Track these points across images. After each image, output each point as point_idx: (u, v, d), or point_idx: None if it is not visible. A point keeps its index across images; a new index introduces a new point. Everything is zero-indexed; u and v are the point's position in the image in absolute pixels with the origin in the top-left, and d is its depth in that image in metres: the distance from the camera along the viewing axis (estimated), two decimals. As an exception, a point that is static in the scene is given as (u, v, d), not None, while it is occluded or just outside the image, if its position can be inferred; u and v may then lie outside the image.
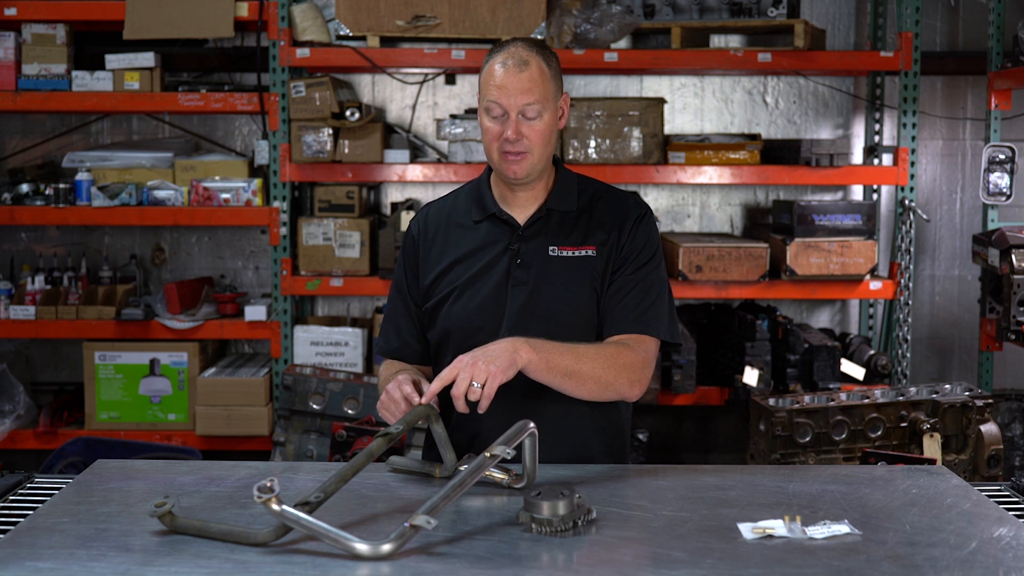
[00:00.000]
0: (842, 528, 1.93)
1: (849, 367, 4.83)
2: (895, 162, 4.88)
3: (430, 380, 2.54)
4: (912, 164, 4.85)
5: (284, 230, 4.74)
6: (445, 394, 2.51)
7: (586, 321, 2.45)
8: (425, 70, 5.12)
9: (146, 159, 4.91)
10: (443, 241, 2.52)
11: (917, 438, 3.35)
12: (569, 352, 2.31)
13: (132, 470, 2.34)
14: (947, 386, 3.56)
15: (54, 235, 5.30)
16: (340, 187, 4.80)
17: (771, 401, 3.48)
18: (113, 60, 4.71)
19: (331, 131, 4.70)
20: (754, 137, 5.00)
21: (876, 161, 5.20)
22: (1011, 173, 4.57)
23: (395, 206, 5.13)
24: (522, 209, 2.50)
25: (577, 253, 2.46)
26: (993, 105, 4.77)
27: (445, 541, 1.88)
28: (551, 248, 2.46)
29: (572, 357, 2.31)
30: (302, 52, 4.69)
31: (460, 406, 2.18)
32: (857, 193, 5.37)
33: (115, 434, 4.74)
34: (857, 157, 5.33)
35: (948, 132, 5.38)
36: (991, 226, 4.77)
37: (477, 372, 2.16)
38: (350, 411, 4.53)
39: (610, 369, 2.36)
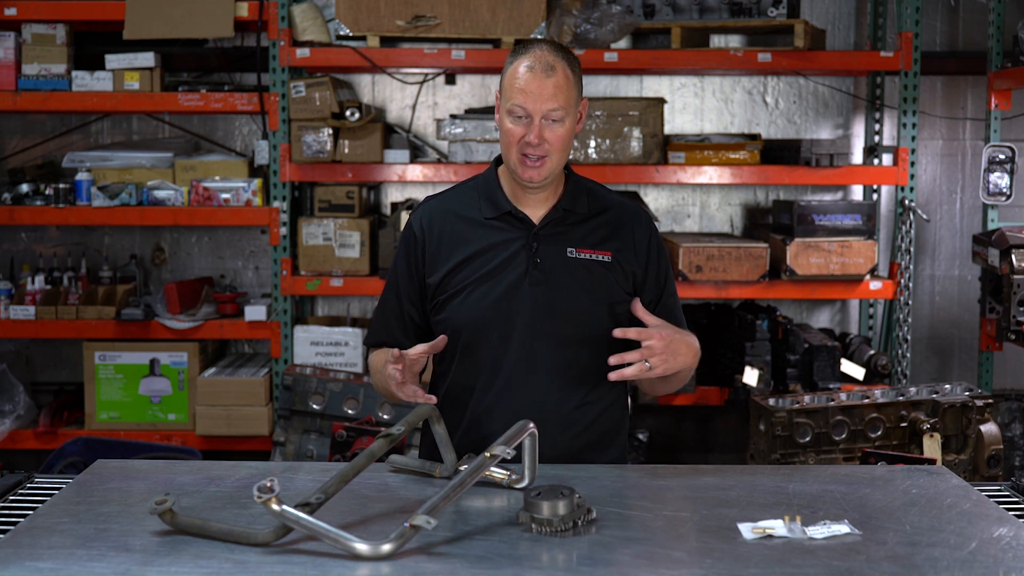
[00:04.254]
0: (842, 528, 1.93)
1: (849, 367, 4.83)
2: (895, 162, 4.88)
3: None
4: (912, 164, 4.85)
5: (284, 230, 4.74)
6: (445, 395, 2.53)
7: (600, 324, 2.46)
8: (425, 70, 5.12)
9: (146, 159, 4.90)
10: (451, 238, 2.51)
11: (917, 438, 3.35)
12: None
13: (132, 470, 2.34)
14: (947, 386, 3.56)
15: (54, 235, 5.30)
16: (340, 187, 4.80)
17: (771, 401, 3.48)
18: (113, 60, 4.71)
19: (331, 131, 4.70)
20: (754, 137, 5.00)
21: (876, 161, 5.20)
22: (1011, 173, 4.57)
23: (395, 206, 5.13)
24: (533, 208, 2.52)
25: (594, 256, 2.49)
26: (993, 105, 4.77)
27: (445, 541, 1.88)
28: (569, 249, 2.48)
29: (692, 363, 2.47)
30: (302, 52, 4.69)
31: (616, 359, 2.29)
32: (857, 193, 5.37)
33: (115, 434, 4.74)
34: (857, 157, 5.33)
35: (948, 132, 5.38)
36: (991, 226, 4.77)
37: (657, 359, 2.29)
38: (350, 411, 4.53)
39: (692, 371, 2.52)
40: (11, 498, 2.19)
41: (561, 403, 2.45)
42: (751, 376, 4.67)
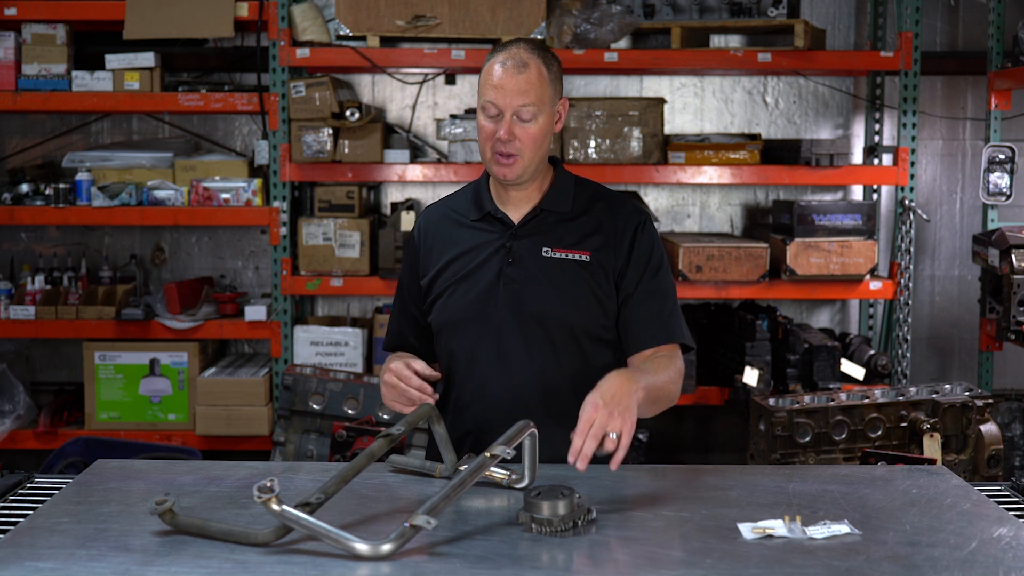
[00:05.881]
0: (842, 528, 1.93)
1: (849, 367, 4.83)
2: (895, 162, 4.88)
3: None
4: (912, 164, 4.85)
5: (284, 230, 4.74)
6: (443, 393, 2.53)
7: (573, 324, 2.45)
8: (425, 70, 5.12)
9: (146, 159, 4.90)
10: (442, 239, 2.54)
11: (917, 438, 3.35)
12: (655, 376, 2.32)
13: (132, 470, 2.34)
14: (947, 386, 3.56)
15: (54, 235, 5.30)
16: (340, 187, 4.80)
17: (771, 401, 3.48)
18: (113, 60, 4.71)
19: (331, 131, 4.70)
20: (754, 137, 5.00)
21: (876, 161, 5.20)
22: (1011, 173, 4.57)
23: (395, 206, 5.13)
24: (516, 208, 2.52)
25: (570, 256, 2.46)
26: (993, 105, 4.77)
27: (445, 541, 1.88)
28: (544, 249, 2.47)
29: (660, 381, 2.33)
30: (302, 52, 4.69)
31: (583, 452, 2.07)
32: (857, 193, 5.37)
33: (115, 434, 4.74)
34: (857, 157, 5.33)
35: (948, 132, 5.38)
36: (991, 226, 4.76)
37: (612, 424, 2.10)
38: (350, 411, 4.53)
39: (677, 383, 2.41)
40: (11, 498, 2.19)
41: (537, 404, 2.43)
42: (751, 376, 4.67)
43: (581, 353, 2.45)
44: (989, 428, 3.38)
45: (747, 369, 4.68)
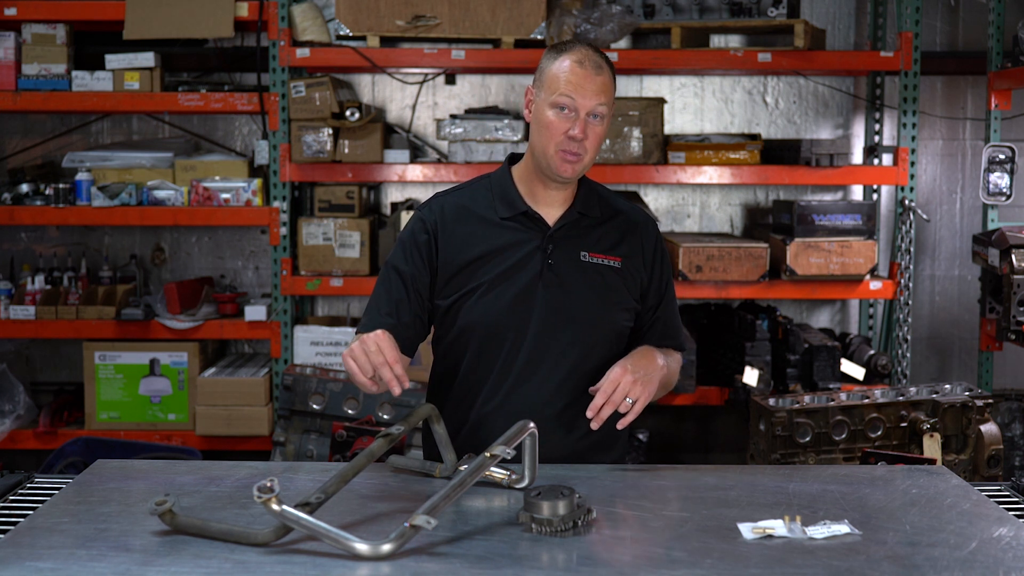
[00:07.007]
0: (842, 528, 1.93)
1: (849, 367, 4.83)
2: (895, 162, 4.88)
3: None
4: (912, 164, 4.85)
5: (284, 230, 4.74)
6: (450, 394, 2.52)
7: (611, 328, 2.50)
8: (425, 70, 5.12)
9: (146, 159, 4.91)
10: (465, 235, 2.47)
11: (917, 438, 3.35)
12: (670, 360, 2.53)
13: (132, 470, 2.34)
14: (947, 386, 3.55)
15: (54, 235, 5.30)
16: (340, 187, 4.80)
17: (771, 401, 3.47)
18: (113, 60, 4.71)
19: (331, 131, 4.70)
20: (754, 137, 5.00)
21: (876, 161, 5.20)
22: (1011, 173, 4.57)
23: (395, 206, 5.13)
24: (548, 209, 2.51)
25: (605, 261, 2.50)
26: (993, 105, 4.77)
27: (445, 541, 1.88)
28: (583, 253, 2.49)
29: (672, 365, 2.54)
30: (302, 52, 4.69)
31: (600, 414, 2.32)
32: (857, 193, 5.37)
33: (115, 434, 4.74)
34: (857, 157, 5.33)
35: (948, 132, 5.38)
36: (991, 226, 4.77)
37: (634, 390, 2.33)
38: (350, 411, 4.53)
39: (677, 376, 2.60)
40: (11, 498, 2.19)
41: (567, 405, 2.46)
42: (751, 376, 4.67)
43: (604, 355, 2.48)
44: (989, 428, 3.38)
45: (747, 369, 4.68)
